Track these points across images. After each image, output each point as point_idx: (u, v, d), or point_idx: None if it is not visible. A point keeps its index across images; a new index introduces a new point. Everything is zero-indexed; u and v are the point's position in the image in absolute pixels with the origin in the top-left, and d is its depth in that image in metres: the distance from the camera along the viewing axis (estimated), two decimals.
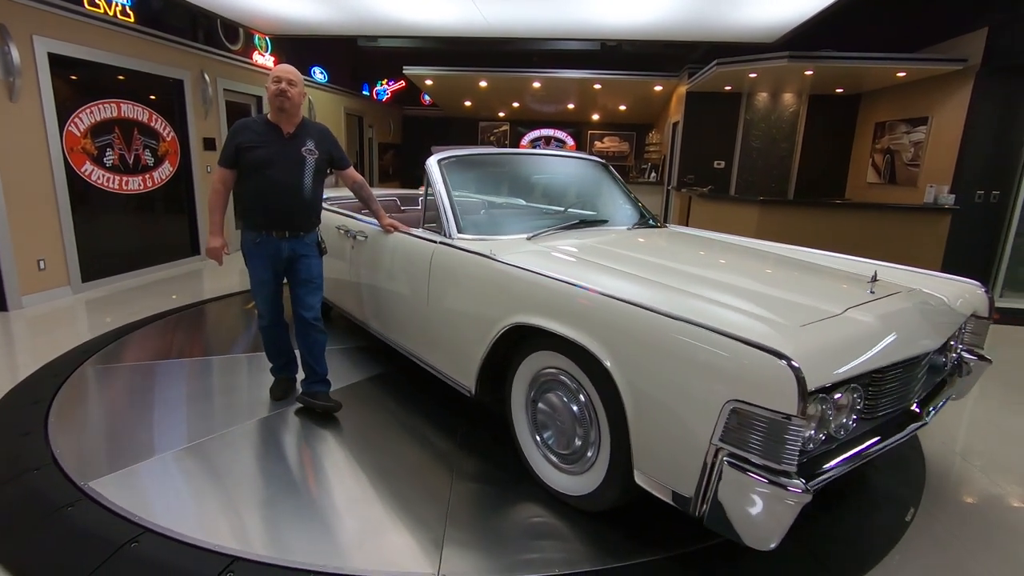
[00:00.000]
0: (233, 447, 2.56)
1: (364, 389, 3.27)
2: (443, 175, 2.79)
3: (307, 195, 2.72)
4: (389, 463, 2.48)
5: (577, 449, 2.06)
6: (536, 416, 2.25)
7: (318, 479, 2.38)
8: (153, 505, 2.10)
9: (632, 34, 6.79)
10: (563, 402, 2.09)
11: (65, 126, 5.00)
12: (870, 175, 8.10)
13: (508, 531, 2.06)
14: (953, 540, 2.10)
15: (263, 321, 2.89)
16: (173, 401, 3.04)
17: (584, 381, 1.96)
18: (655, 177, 11.61)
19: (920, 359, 1.87)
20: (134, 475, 2.30)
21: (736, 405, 1.45)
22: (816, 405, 1.53)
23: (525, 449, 2.32)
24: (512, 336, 2.19)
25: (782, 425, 1.39)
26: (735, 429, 1.46)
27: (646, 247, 2.67)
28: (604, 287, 1.90)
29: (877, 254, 2.76)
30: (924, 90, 6.88)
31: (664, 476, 1.70)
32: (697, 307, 1.74)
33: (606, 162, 3.59)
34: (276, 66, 2.74)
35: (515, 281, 2.17)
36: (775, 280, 2.22)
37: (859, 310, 1.81)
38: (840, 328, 1.68)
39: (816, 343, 1.56)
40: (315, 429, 2.77)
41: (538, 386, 2.20)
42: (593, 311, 1.87)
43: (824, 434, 1.60)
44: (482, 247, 2.39)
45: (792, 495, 1.40)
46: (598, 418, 1.94)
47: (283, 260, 2.77)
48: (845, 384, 1.59)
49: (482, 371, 2.32)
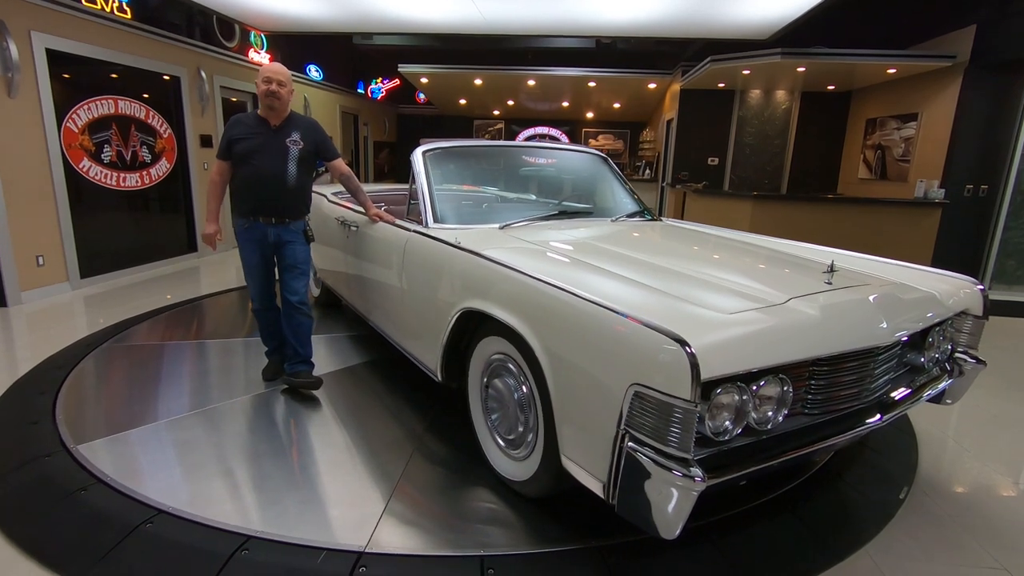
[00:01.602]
0: (217, 424, 2.71)
1: (355, 372, 3.40)
2: (426, 166, 2.88)
3: (291, 183, 2.86)
4: (356, 440, 2.60)
5: (520, 434, 2.09)
6: (487, 401, 2.29)
7: (283, 453, 2.48)
8: (159, 486, 2.16)
9: (627, 31, 6.86)
10: (508, 387, 2.11)
11: (63, 122, 5.01)
12: (861, 171, 8.21)
13: (449, 511, 2.09)
14: (945, 518, 2.17)
15: (255, 304, 3.05)
16: (172, 385, 3.16)
17: (524, 365, 1.99)
18: (649, 174, 11.69)
19: (872, 353, 1.80)
20: (136, 457, 2.37)
21: (638, 388, 1.44)
22: (732, 395, 1.52)
23: (479, 433, 2.37)
24: (471, 322, 2.24)
25: (675, 409, 1.37)
26: (638, 413, 1.45)
27: (615, 237, 2.69)
28: (535, 270, 1.92)
29: (868, 248, 2.81)
30: (914, 87, 6.99)
31: (586, 461, 1.68)
32: (622, 292, 1.75)
33: (604, 155, 3.64)
34: (266, 65, 2.85)
35: (469, 267, 2.23)
36: (731, 268, 2.17)
37: (804, 300, 1.76)
38: (771, 317, 1.63)
39: (734, 332, 1.53)
40: (296, 407, 2.92)
41: (489, 371, 2.25)
42: (523, 294, 1.90)
43: (743, 426, 1.57)
44: (450, 236, 2.45)
45: (685, 482, 1.38)
46: (535, 402, 1.95)
47: (270, 245, 2.92)
48: (768, 374, 1.56)
49: (446, 356, 2.38)
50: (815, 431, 1.74)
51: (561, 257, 2.20)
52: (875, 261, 2.52)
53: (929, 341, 2.10)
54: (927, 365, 2.12)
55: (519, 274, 1.95)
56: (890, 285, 2.08)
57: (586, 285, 1.80)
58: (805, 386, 1.71)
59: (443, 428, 2.72)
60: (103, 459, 2.31)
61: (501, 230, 2.63)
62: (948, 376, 2.21)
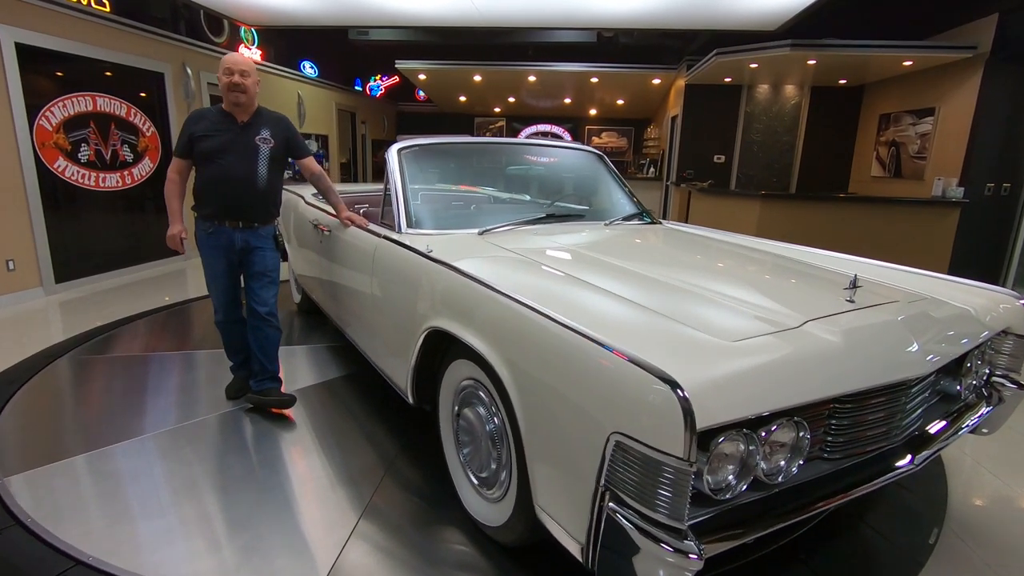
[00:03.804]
0: (169, 450, 2.46)
1: (331, 387, 3.16)
2: (401, 165, 2.61)
3: (261, 185, 2.64)
4: (321, 467, 2.36)
5: (493, 472, 1.82)
6: (458, 432, 2.03)
7: (235, 487, 2.21)
8: (85, 528, 1.90)
9: (630, 23, 6.57)
10: (479, 417, 1.84)
11: (36, 120, 4.78)
12: (874, 168, 7.89)
13: (415, 554, 1.84)
14: (983, 568, 1.88)
15: (218, 316, 2.81)
16: (127, 404, 2.88)
17: (495, 394, 1.73)
18: (654, 172, 11.39)
19: (904, 386, 1.52)
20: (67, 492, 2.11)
21: (620, 439, 1.18)
22: (737, 444, 1.25)
23: (451, 466, 2.11)
24: (440, 342, 1.98)
25: (665, 468, 1.11)
26: (621, 468, 1.19)
27: (607, 244, 2.42)
28: (506, 284, 1.66)
29: (882, 251, 2.54)
30: (931, 80, 6.66)
31: (562, 516, 1.41)
32: (607, 313, 1.49)
33: (600, 152, 3.37)
34: (226, 56, 2.59)
35: (436, 280, 1.96)
36: (736, 281, 1.89)
37: (823, 323, 1.48)
38: (785, 346, 1.36)
39: (739, 366, 1.25)
40: (261, 429, 2.68)
41: (460, 399, 1.99)
42: (491, 313, 1.65)
43: (749, 480, 1.29)
44: (421, 242, 2.18)
45: (677, 559, 1.11)
46: (508, 438, 1.68)
47: (236, 252, 2.68)
48: (781, 416, 1.28)
49: (417, 377, 2.12)
50: (836, 480, 1.46)
51: (542, 269, 1.93)
52: (894, 269, 2.24)
53: (967, 366, 1.82)
54: (964, 393, 1.83)
55: (487, 289, 1.69)
56: (920, 301, 1.80)
57: (566, 303, 1.54)
58: (824, 426, 1.44)
59: (418, 454, 2.47)
60: (29, 495, 2.06)
61: (480, 236, 2.37)
62: (986, 403, 1.92)
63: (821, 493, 1.41)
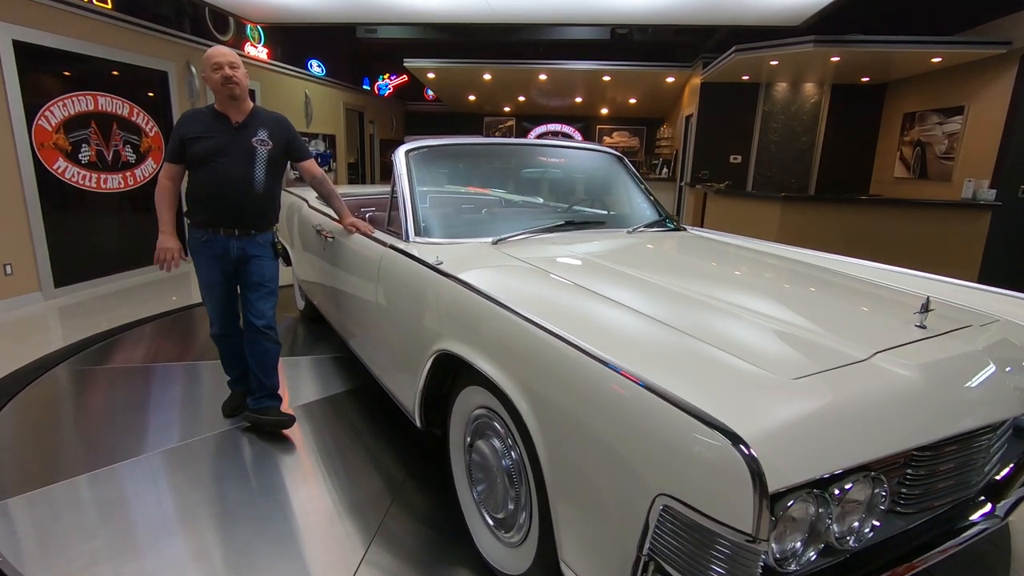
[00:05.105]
0: (160, 475, 2.29)
1: (335, 403, 2.98)
2: (408, 169, 2.42)
3: (259, 190, 2.46)
4: (325, 495, 2.17)
5: (511, 512, 1.63)
6: (471, 467, 1.83)
7: (232, 517, 2.03)
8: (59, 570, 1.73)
9: (645, 18, 6.36)
10: (494, 451, 1.66)
11: (34, 120, 4.64)
12: (898, 169, 7.63)
13: None
14: None
15: (213, 329, 2.64)
16: (119, 422, 2.71)
17: (512, 427, 1.54)
18: (667, 173, 11.16)
19: (992, 427, 1.33)
20: (43, 525, 1.94)
21: (668, 502, 1.00)
22: (807, 507, 1.04)
23: (463, 503, 1.92)
24: (451, 365, 1.80)
25: (728, 545, 0.93)
26: (670, 538, 1.01)
27: (633, 255, 2.23)
28: (524, 303, 1.48)
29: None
30: (960, 77, 6.40)
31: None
32: (643, 340, 1.30)
33: (619, 154, 3.16)
34: (209, 52, 2.39)
35: (445, 296, 1.79)
36: (783, 300, 1.69)
37: (893, 355, 1.27)
38: (855, 384, 1.16)
39: (804, 410, 1.05)
40: (260, 451, 2.49)
41: (472, 428, 1.80)
42: (507, 336, 1.46)
43: (820, 547, 1.11)
44: (431, 254, 2.00)
45: None
46: (527, 477, 1.51)
47: (232, 261, 2.50)
48: (856, 472, 1.08)
49: (424, 400, 1.94)
50: (913, 538, 1.26)
51: (566, 286, 1.73)
52: (954, 285, 2.02)
53: None
54: None
55: (503, 310, 1.50)
56: (994, 324, 1.59)
57: (596, 329, 1.35)
58: (899, 476, 1.24)
59: (426, 478, 2.29)
60: (3, 529, 1.90)
61: (494, 245, 2.18)
62: None
63: (896, 556, 1.21)
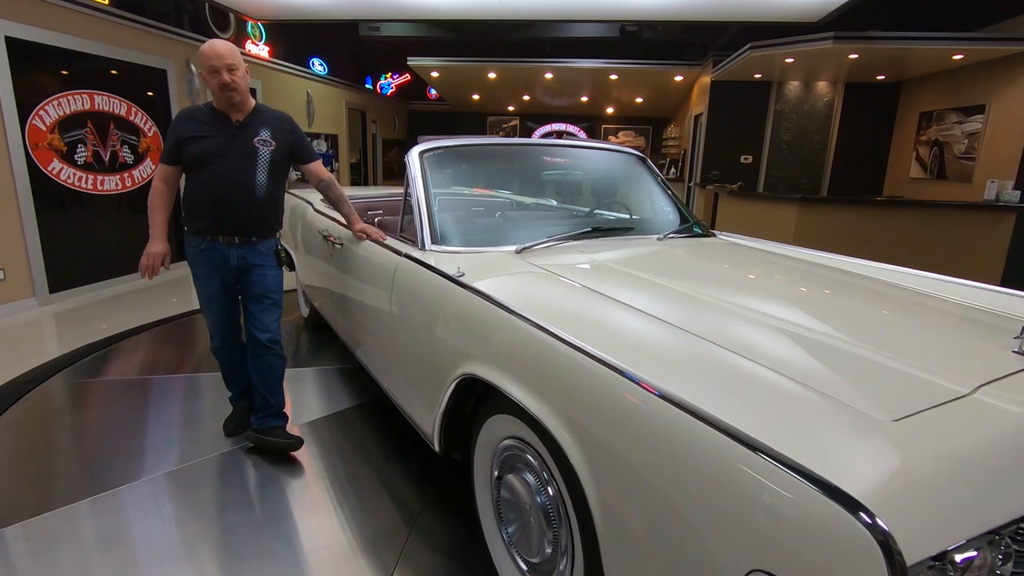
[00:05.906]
0: (151, 504, 2.11)
1: (343, 420, 2.79)
2: (424, 171, 2.25)
3: (260, 194, 2.28)
4: (333, 530, 1.99)
5: (548, 557, 1.45)
6: (499, 503, 1.65)
7: (242, 547, 1.88)
8: None
9: (656, 15, 6.18)
10: (527, 488, 1.48)
11: (28, 120, 4.47)
12: (914, 169, 7.46)
13: None
14: None
15: (214, 343, 2.47)
16: (112, 443, 2.53)
17: (549, 462, 1.36)
18: (675, 173, 10.99)
19: None
20: (22, 563, 1.76)
21: None
22: None
23: (489, 541, 1.74)
24: (476, 389, 1.63)
25: None
26: None
27: (671, 265, 2.05)
28: (562, 322, 1.32)
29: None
30: (980, 75, 6.23)
31: None
32: (706, 373, 1.11)
33: (643, 154, 2.99)
34: (204, 50, 2.17)
35: (469, 312, 1.62)
36: (853, 319, 1.50)
37: (999, 388, 1.09)
38: (966, 426, 0.97)
39: (919, 461, 0.87)
40: (267, 475, 2.32)
41: (500, 461, 1.62)
42: (544, 360, 1.30)
43: None
44: (451, 264, 1.83)
45: None
46: (569, 518, 1.33)
47: (232, 270, 2.34)
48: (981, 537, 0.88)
49: (444, 425, 1.77)
50: None
51: (608, 301, 1.52)
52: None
53: None
54: None
55: (539, 330, 1.32)
56: None
57: (649, 355, 1.18)
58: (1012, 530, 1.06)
59: (445, 506, 2.12)
60: None
61: (518, 255, 2.01)
62: None
63: None
